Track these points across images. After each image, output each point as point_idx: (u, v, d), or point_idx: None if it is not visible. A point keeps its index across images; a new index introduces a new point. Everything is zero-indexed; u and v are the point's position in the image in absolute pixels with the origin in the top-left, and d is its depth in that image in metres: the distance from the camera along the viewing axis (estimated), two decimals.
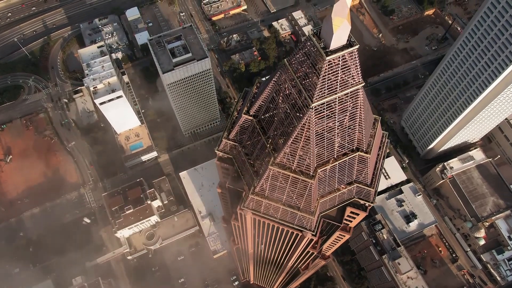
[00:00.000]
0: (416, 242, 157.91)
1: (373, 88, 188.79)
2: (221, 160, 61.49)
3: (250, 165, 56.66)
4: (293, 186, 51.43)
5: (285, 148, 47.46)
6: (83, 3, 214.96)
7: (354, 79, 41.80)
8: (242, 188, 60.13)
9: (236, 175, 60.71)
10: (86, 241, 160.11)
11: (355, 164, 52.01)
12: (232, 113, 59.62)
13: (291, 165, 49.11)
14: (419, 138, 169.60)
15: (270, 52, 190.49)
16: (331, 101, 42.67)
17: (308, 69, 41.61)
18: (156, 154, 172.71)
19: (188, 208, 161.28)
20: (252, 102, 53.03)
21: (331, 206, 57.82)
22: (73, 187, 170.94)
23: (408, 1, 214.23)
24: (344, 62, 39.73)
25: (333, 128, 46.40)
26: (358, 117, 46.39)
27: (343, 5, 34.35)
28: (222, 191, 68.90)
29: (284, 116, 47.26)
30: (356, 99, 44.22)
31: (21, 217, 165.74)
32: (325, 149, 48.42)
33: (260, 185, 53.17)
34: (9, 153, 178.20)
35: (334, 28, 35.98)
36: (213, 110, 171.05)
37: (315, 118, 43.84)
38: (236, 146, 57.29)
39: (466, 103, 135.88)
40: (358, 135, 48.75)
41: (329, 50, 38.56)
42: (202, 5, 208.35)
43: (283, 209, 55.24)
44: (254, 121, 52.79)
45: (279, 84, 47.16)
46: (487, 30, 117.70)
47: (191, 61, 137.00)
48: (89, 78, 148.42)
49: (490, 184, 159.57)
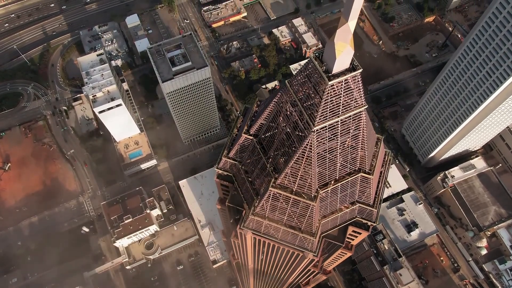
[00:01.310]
0: (417, 252, 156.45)
1: (373, 96, 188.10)
2: (221, 178, 60.50)
3: (250, 183, 55.66)
4: (294, 208, 50.40)
5: (286, 170, 46.49)
6: (83, 10, 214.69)
7: (357, 102, 40.93)
8: (242, 207, 59.08)
9: (236, 193, 59.68)
10: (84, 250, 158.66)
11: (357, 185, 51.02)
12: (232, 130, 58.69)
13: (292, 186, 48.12)
14: (420, 146, 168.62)
15: (270, 59, 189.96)
16: (334, 123, 41.78)
17: (310, 92, 40.74)
18: (156, 162, 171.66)
19: (188, 217, 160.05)
20: (253, 121, 52.09)
21: (333, 226, 56.77)
22: (72, 196, 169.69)
23: (408, 8, 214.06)
24: (347, 85, 38.87)
25: (335, 149, 45.47)
26: (361, 138, 45.46)
27: (346, 30, 33.51)
28: (221, 208, 67.76)
29: (285, 137, 46.33)
30: (359, 121, 43.31)
31: (19, 225, 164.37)
32: (327, 170, 47.45)
33: (260, 206, 52.13)
34: (8, 161, 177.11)
35: (337, 53, 35.12)
36: (213, 118, 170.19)
37: (317, 140, 42.91)
38: (236, 165, 56.30)
39: (467, 112, 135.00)
40: (360, 156, 47.80)
41: (331, 74, 37.71)
42: (202, 12, 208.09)
43: (284, 230, 54.17)
44: (254, 141, 51.84)
45: (280, 105, 46.26)
46: (489, 40, 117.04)
47: (191, 70, 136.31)
48: (88, 86, 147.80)
49: (492, 192, 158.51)
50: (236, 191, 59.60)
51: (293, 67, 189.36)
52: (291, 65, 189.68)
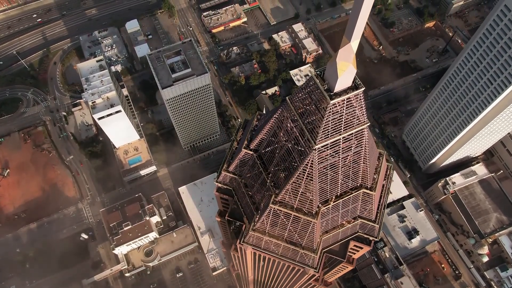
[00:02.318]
0: (418, 259, 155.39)
1: (373, 101, 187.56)
2: (221, 191, 59.74)
3: (250, 198, 54.92)
4: (295, 224, 49.63)
5: (286, 186, 45.76)
6: (83, 15, 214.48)
7: (359, 120, 40.27)
8: (242, 221, 58.29)
9: (236, 206, 58.90)
10: (83, 257, 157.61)
11: (359, 201, 50.27)
12: (232, 144, 57.93)
13: (292, 203, 47.38)
14: (421, 152, 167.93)
15: (270, 65, 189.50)
16: (335, 141, 41.08)
17: (311, 109, 40.07)
18: (155, 168, 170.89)
19: (187, 223, 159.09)
20: (253, 136, 51.38)
21: (334, 241, 55.96)
22: (71, 202, 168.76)
23: (408, 13, 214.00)
24: (349, 104, 38.22)
25: (336, 165, 44.75)
26: (363, 155, 44.76)
27: (349, 50, 32.87)
28: (221, 220, 66.97)
29: (286, 154, 45.61)
30: (361, 138, 42.64)
31: (17, 232, 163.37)
32: (328, 186, 46.71)
33: (260, 222, 51.34)
34: (7, 166, 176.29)
35: (339, 72, 34.47)
36: (213, 124, 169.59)
37: (319, 158, 42.19)
38: (236, 179, 55.55)
39: (469, 119, 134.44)
40: (362, 172, 47.09)
41: (333, 93, 37.06)
42: (202, 17, 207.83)
43: (285, 246, 53.36)
44: (254, 156, 51.12)
45: (280, 121, 45.57)
46: (490, 47, 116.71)
47: (190, 77, 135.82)
48: (88, 92, 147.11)
49: (493, 199, 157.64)
50: (236, 205, 58.83)
51: (293, 72, 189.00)
52: (291, 70, 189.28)
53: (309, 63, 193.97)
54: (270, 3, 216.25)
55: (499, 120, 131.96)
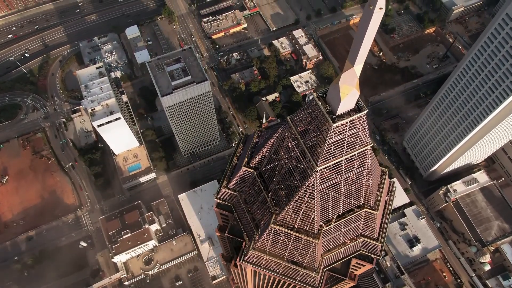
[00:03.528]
0: (419, 267, 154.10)
1: (374, 108, 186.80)
2: (220, 207, 58.84)
3: (249, 214, 54.02)
4: (296, 244, 48.73)
5: (287, 206, 44.89)
6: (83, 21, 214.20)
7: (362, 141, 39.48)
8: (242, 238, 57.32)
9: (236, 223, 57.99)
10: (82, 265, 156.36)
11: (361, 220, 49.38)
12: (232, 159, 57.11)
13: (293, 223, 46.50)
14: (422, 159, 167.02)
15: (271, 71, 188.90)
16: (338, 162, 40.27)
17: (313, 130, 39.28)
18: (155, 175, 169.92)
19: (187, 231, 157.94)
20: (253, 153, 50.58)
21: (336, 260, 55.01)
22: (70, 209, 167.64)
23: (408, 19, 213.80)
24: (352, 126, 37.43)
25: (338, 186, 43.91)
26: (365, 175, 43.94)
27: (352, 74, 32.14)
28: (221, 235, 66.01)
29: (287, 173, 44.80)
30: (363, 158, 41.84)
31: (16, 240, 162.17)
32: (331, 206, 45.86)
33: (261, 241, 50.40)
34: (5, 173, 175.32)
35: (341, 96, 33.72)
36: (213, 130, 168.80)
37: (320, 179, 41.37)
38: (236, 196, 54.67)
39: (470, 126, 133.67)
40: (365, 192, 46.24)
41: (335, 115, 36.27)
42: (202, 23, 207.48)
43: (286, 265, 52.40)
44: (255, 173, 50.28)
45: (281, 140, 44.77)
46: (491, 55, 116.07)
47: (190, 84, 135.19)
48: (87, 100, 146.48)
49: (495, 207, 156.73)
50: (236, 221, 57.91)
51: (293, 79, 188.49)
52: (291, 77, 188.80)
53: (309, 69, 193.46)
54: (270, 9, 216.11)
55: (501, 128, 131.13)
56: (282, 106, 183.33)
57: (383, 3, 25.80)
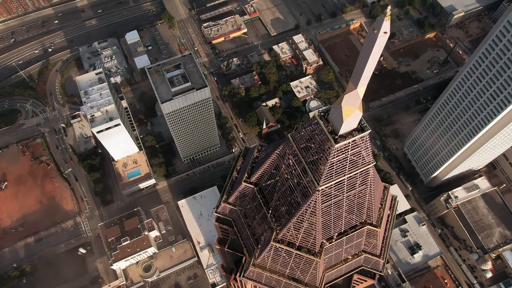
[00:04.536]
0: (421, 274, 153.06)
1: (374, 113, 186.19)
2: (220, 221, 58.06)
3: (249, 228, 53.24)
4: (297, 262, 47.95)
5: (288, 224, 44.14)
6: (83, 26, 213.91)
7: (364, 159, 38.79)
8: (242, 253, 56.53)
9: (236, 237, 57.21)
10: (81, 272, 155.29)
11: (363, 236, 48.61)
12: (231, 173, 56.41)
13: (294, 241, 45.72)
14: (423, 165, 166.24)
15: (271, 76, 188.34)
16: (340, 181, 39.56)
17: (314, 148, 38.58)
18: (154, 181, 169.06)
19: (187, 238, 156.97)
20: (253, 168, 49.86)
21: (337, 276, 54.21)
22: (69, 216, 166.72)
23: (409, 24, 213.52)
24: (355, 145, 36.74)
25: (340, 203, 43.18)
26: (368, 192, 43.21)
27: (355, 96, 31.48)
28: (220, 248, 65.19)
29: (288, 190, 44.06)
30: (366, 176, 41.12)
31: (14, 246, 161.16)
32: (332, 224, 45.11)
33: (261, 258, 49.61)
34: (5, 179, 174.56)
35: (344, 117, 33.02)
36: (213, 136, 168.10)
37: (322, 198, 40.65)
38: (236, 211, 53.91)
39: (471, 133, 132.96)
40: (367, 209, 45.50)
41: (338, 136, 35.57)
42: (202, 28, 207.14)
43: (286, 282, 51.57)
44: (255, 189, 49.54)
45: (282, 157, 44.07)
46: (492, 62, 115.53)
47: (190, 91, 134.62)
48: (87, 106, 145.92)
49: (496, 213, 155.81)
50: (236, 236, 57.11)
51: (293, 84, 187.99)
52: (291, 82, 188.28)
53: (310, 75, 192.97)
54: (271, 14, 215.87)
55: (503, 134, 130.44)
56: (283, 112, 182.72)
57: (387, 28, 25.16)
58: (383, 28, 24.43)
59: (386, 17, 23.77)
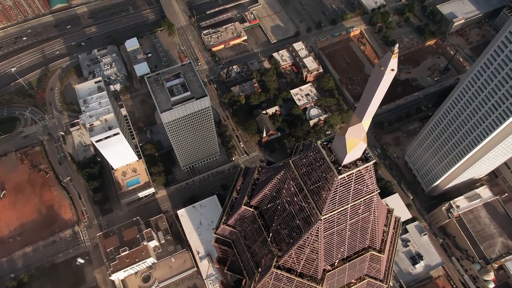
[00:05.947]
0: (422, 284, 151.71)
1: (375, 121, 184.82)
2: (220, 242, 56.87)
3: (249, 251, 52.01)
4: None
5: (290, 251, 42.98)
6: (82, 33, 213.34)
7: (368, 188, 37.73)
8: (241, 275, 55.26)
9: (236, 259, 55.97)
10: (79, 282, 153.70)
11: (367, 261, 47.43)
12: (231, 193, 55.29)
13: (296, 268, 44.54)
14: (424, 174, 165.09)
15: (271, 84, 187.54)
16: (343, 210, 38.50)
17: (316, 176, 37.52)
18: (154, 190, 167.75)
19: (186, 248, 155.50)
20: (253, 191, 48.74)
21: None
22: (68, 225, 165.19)
23: (409, 31, 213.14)
24: (359, 175, 35.69)
25: (344, 231, 42.06)
26: (371, 219, 42.10)
27: (360, 129, 30.48)
28: (220, 267, 63.90)
29: (289, 216, 42.93)
30: (369, 204, 40.04)
31: (12, 256, 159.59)
32: (335, 250, 43.97)
33: (261, 283, 48.37)
34: (3, 188, 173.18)
35: (348, 148, 31.99)
36: (213, 145, 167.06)
37: (324, 226, 39.53)
38: (236, 233, 52.74)
39: (473, 143, 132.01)
40: (370, 234, 44.37)
41: (341, 166, 34.53)
42: (202, 35, 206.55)
43: None
44: (255, 213, 48.41)
45: (283, 183, 42.98)
46: (494, 73, 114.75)
47: (190, 100, 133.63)
48: (86, 115, 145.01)
49: (498, 223, 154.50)
50: (236, 258, 55.85)
51: (293, 91, 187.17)
52: (291, 89, 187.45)
53: (310, 82, 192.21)
54: (271, 21, 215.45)
55: (505, 144, 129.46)
56: (283, 120, 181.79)
57: (395, 65, 24.19)
58: (390, 65, 23.53)
59: (393, 54, 22.86)
